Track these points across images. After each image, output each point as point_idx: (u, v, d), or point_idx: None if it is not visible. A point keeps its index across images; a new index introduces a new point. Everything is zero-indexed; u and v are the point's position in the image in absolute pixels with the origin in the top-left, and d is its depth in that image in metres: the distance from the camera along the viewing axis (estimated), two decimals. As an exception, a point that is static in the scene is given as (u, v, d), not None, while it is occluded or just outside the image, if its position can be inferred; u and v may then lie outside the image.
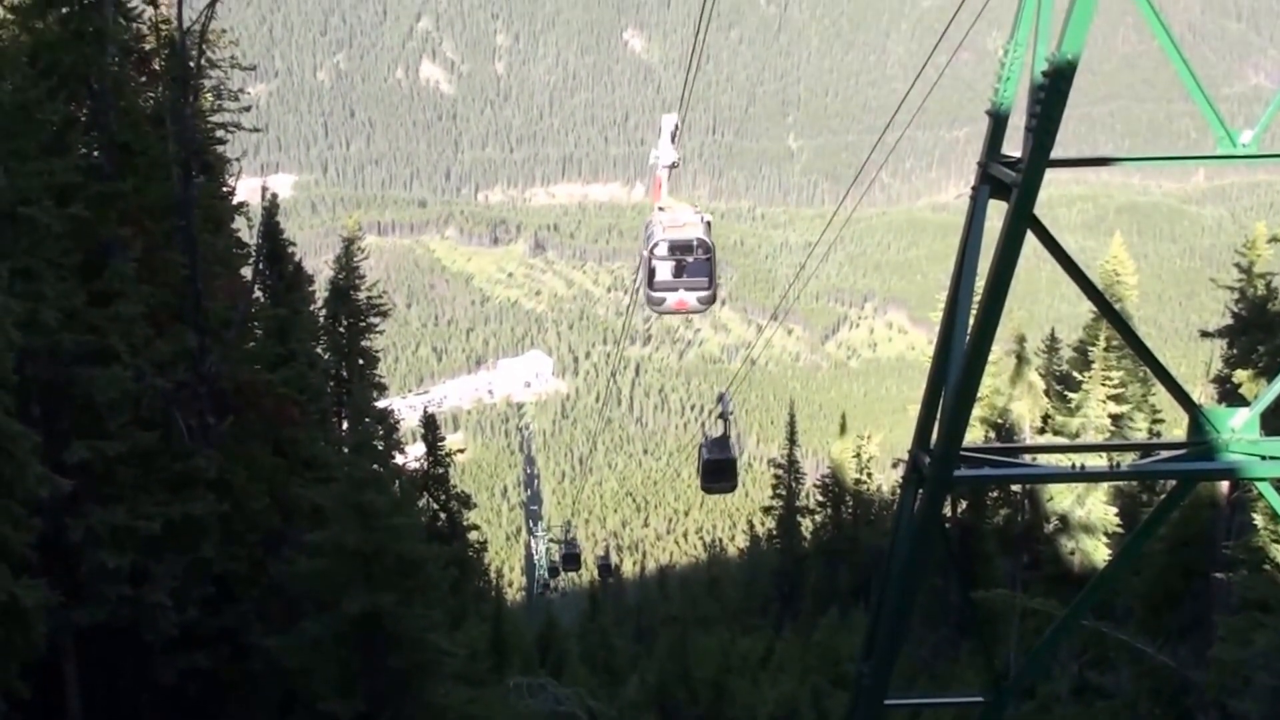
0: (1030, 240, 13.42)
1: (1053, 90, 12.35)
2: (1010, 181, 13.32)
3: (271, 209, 29.81)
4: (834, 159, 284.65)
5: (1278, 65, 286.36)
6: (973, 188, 14.56)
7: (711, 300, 21.41)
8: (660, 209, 21.73)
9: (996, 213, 13.90)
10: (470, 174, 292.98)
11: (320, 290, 37.15)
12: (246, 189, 27.72)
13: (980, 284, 14.01)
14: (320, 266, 46.67)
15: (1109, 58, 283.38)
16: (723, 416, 29.46)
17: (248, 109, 26.36)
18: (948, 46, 15.43)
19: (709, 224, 21.34)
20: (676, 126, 21.62)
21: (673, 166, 21.81)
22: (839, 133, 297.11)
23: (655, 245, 20.88)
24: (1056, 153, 12.83)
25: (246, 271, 27.29)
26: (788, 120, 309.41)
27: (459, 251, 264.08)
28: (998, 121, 14.13)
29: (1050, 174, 12.99)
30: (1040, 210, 13.20)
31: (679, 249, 20.99)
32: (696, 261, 21.06)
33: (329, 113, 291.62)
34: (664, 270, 21.21)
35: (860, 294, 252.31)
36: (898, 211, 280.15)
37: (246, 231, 28.25)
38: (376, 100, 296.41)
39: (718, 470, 29.97)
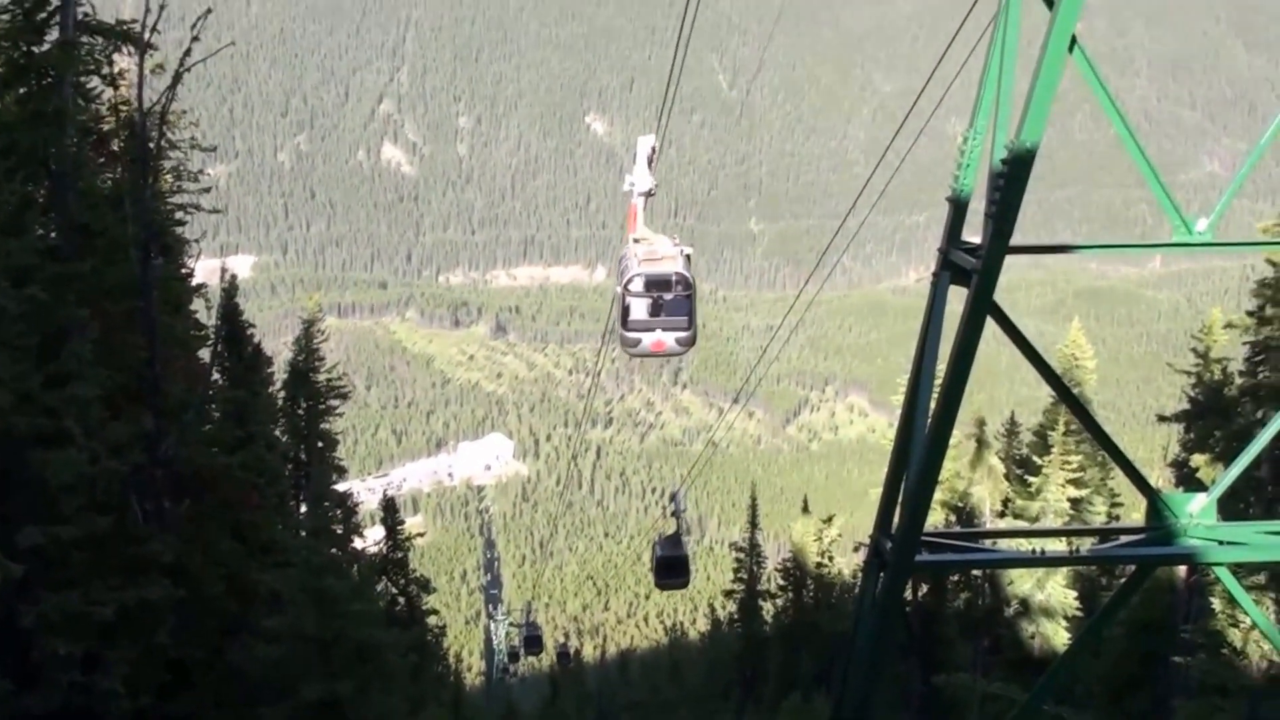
0: (991, 324, 13.48)
1: (1012, 177, 12.44)
2: (970, 267, 13.39)
3: (231, 290, 29.65)
4: (795, 243, 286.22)
5: (1231, 153, 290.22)
6: (934, 273, 14.66)
7: (691, 341, 19.94)
8: (636, 240, 20.30)
9: (957, 297, 13.96)
10: (432, 256, 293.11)
11: (279, 372, 36.96)
12: (206, 270, 27.60)
13: (941, 368, 14.05)
14: (280, 348, 46.54)
15: (1067, 144, 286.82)
16: (675, 514, 29.59)
17: (208, 190, 26.31)
18: (908, 132, 15.58)
19: (689, 257, 20.06)
20: (654, 150, 20.48)
21: (649, 194, 20.54)
22: (801, 217, 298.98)
23: (630, 280, 19.44)
24: (1015, 239, 12.91)
25: (205, 353, 27.11)
26: (750, 204, 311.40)
27: (420, 333, 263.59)
28: (958, 208, 14.24)
29: (1009, 259, 13.07)
30: (999, 294, 13.26)
31: (656, 285, 19.47)
32: (675, 299, 19.62)
33: (289, 194, 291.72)
34: (639, 308, 19.68)
35: (822, 377, 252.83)
36: (859, 295, 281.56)
37: (205, 313, 28.04)
38: (338, 181, 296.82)
39: (670, 567, 30.15)
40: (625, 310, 19.71)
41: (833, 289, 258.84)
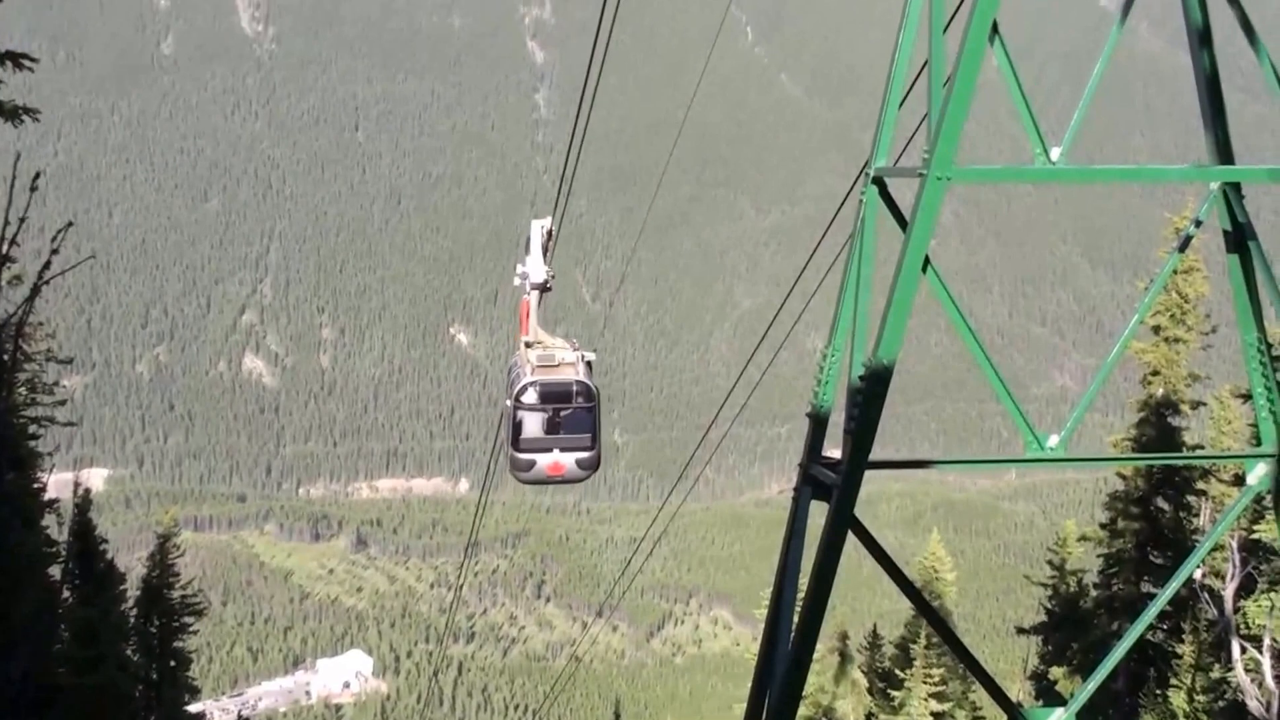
0: (852, 536, 13.57)
1: (870, 393, 12.66)
2: (831, 483, 13.52)
3: (84, 505, 28.95)
4: (659, 454, 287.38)
5: (1081, 368, 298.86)
6: (795, 488, 14.76)
7: (595, 464, 17.59)
8: (528, 344, 18.02)
9: (819, 510, 14.05)
10: (292, 468, 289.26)
11: (132, 589, 35.95)
12: (58, 484, 26.94)
13: (804, 582, 14.06)
14: (133, 564, 45.35)
15: (924, 359, 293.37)
16: None
17: (63, 403, 25.85)
18: (769, 346, 15.83)
19: (590, 364, 17.72)
20: (549, 235, 18.37)
21: (545, 287, 18.32)
22: (663, 428, 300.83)
23: (522, 391, 17.07)
24: (875, 453, 13.07)
25: (55, 570, 26.34)
26: (613, 416, 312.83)
27: (278, 547, 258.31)
28: (818, 423, 14.41)
29: (869, 472, 13.23)
30: (860, 507, 13.38)
31: (553, 396, 17.04)
32: (575, 413, 17.08)
33: (147, 405, 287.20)
34: (533, 424, 17.13)
35: (685, 590, 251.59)
36: (721, 506, 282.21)
37: (57, 529, 27.32)
38: (197, 393, 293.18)
39: None
40: (516, 427, 17.23)
41: (696, 501, 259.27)
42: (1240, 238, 14.23)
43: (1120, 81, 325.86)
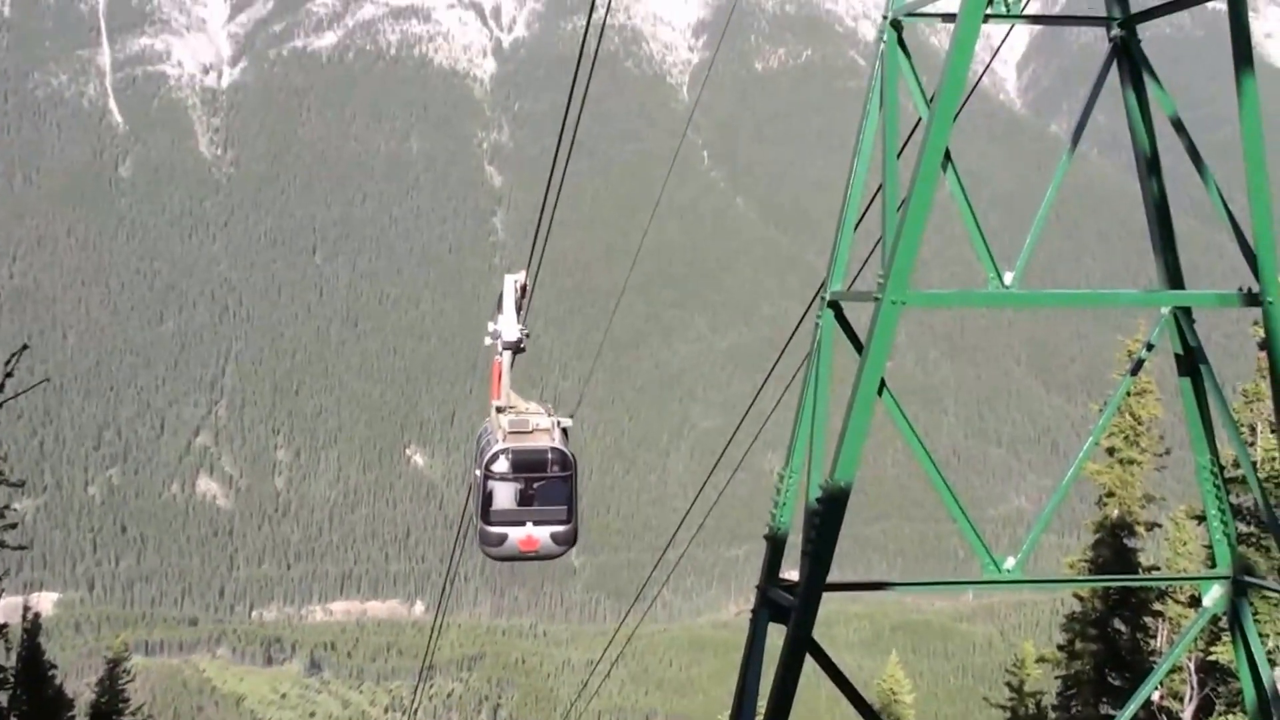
0: (811, 658, 13.52)
1: (827, 515, 12.69)
2: (788, 605, 13.50)
3: (33, 630, 28.63)
4: (616, 576, 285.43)
5: (1037, 489, 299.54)
6: (752, 610, 14.74)
7: (571, 539, 17.02)
8: (500, 409, 16.90)
9: (778, 632, 14.01)
10: (245, 591, 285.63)
11: (81, 715, 35.42)
12: (7, 609, 26.65)
13: (762, 704, 14.00)
14: (82, 689, 44.65)
15: (880, 480, 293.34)
16: None
17: (13, 526, 25.59)
18: (727, 466, 15.88)
19: (566, 431, 17.18)
20: (523, 290, 17.29)
21: (518, 347, 17.29)
22: (620, 549, 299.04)
23: (493, 459, 15.95)
24: (832, 575, 13.08)
25: (3, 697, 25.93)
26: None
27: (230, 671, 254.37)
28: (775, 545, 14.44)
29: (827, 594, 13.22)
30: (818, 629, 13.33)
31: (526, 465, 16.10)
32: (550, 483, 16.40)
33: (99, 528, 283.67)
34: (505, 495, 16.15)
35: (642, 713, 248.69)
36: (679, 628, 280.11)
37: (4, 654, 26.94)
38: (150, 516, 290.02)
39: None
40: (486, 499, 16.10)
41: (653, 621, 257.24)
42: (1192, 361, 14.42)
43: (1072, 206, 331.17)
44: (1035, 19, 15.55)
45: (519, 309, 17.07)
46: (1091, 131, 16.65)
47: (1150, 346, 16.08)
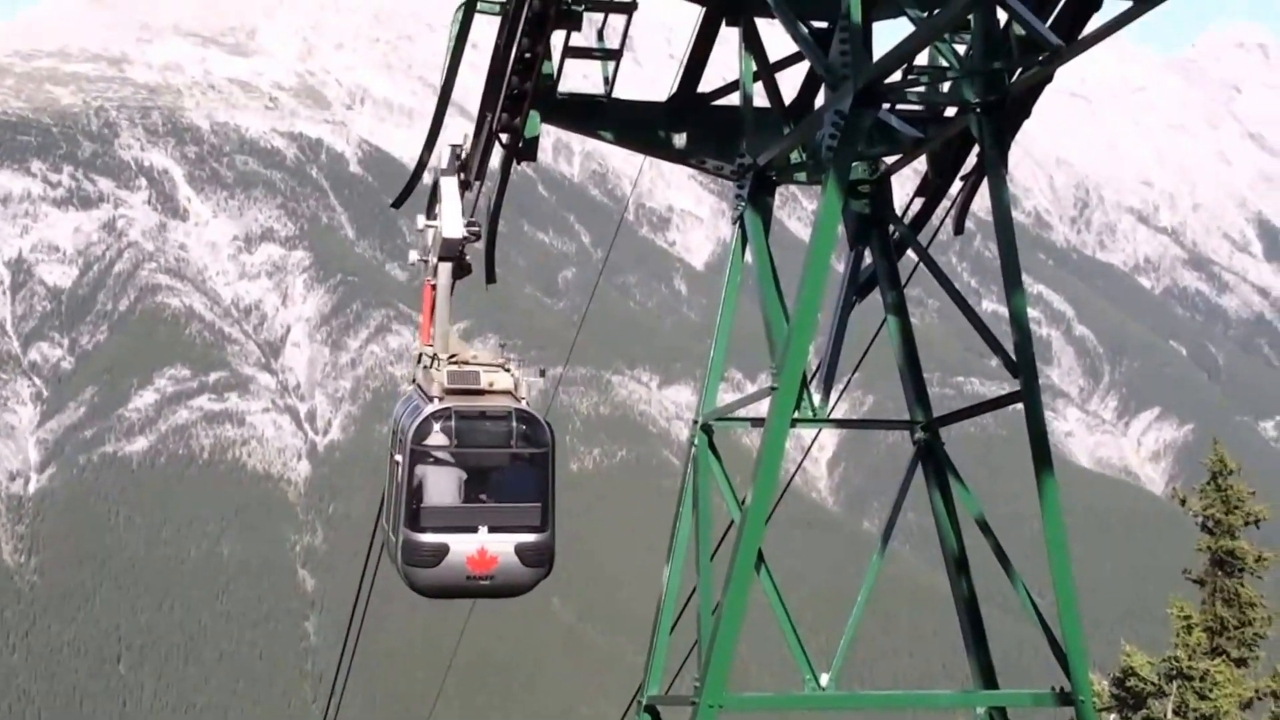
0: None
1: None
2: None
3: None
4: None
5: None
6: None
7: (546, 557, 11.24)
8: (434, 358, 11.16)
9: None
10: None
11: None
12: None
13: None
14: None
15: None
16: None
17: None
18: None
19: (530, 386, 11.15)
20: (465, 185, 11.35)
21: (462, 258, 11.64)
22: None
23: (424, 427, 10.41)
24: None
25: None
26: None
27: None
28: None
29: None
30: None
31: (477, 437, 10.41)
32: (515, 465, 10.72)
33: None
34: (443, 485, 10.46)
35: None
36: None
37: None
38: None
39: None
40: (414, 493, 10.47)
41: None
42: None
43: (888, 602, 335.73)
44: (841, 423, 15.93)
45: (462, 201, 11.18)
46: (903, 529, 17.04)
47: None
